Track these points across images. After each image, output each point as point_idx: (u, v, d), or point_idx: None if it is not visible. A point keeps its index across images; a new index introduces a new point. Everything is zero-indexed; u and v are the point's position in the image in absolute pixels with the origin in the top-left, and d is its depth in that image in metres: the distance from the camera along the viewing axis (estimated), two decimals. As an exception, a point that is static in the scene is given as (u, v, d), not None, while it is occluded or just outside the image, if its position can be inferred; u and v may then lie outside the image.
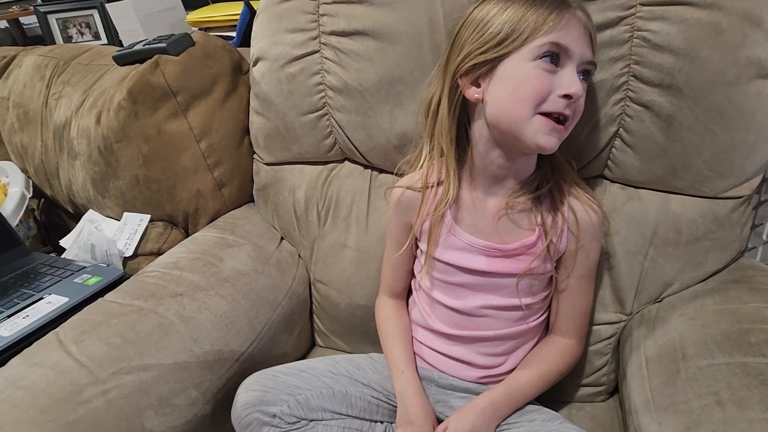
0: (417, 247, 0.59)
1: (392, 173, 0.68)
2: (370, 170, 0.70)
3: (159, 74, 0.66)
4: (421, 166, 0.56)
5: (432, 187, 0.54)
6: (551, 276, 0.53)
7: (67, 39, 1.62)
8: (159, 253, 0.69)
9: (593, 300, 0.59)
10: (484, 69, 0.46)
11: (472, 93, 0.48)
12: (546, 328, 0.58)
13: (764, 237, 0.67)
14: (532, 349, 0.57)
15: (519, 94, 0.45)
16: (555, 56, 0.44)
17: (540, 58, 0.44)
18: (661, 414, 0.45)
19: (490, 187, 0.52)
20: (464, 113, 0.51)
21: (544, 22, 0.43)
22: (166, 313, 0.55)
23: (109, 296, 0.57)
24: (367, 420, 0.56)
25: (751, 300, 0.50)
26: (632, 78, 0.52)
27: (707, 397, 0.42)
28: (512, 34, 0.44)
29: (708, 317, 0.50)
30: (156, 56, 0.67)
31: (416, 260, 0.60)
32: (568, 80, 0.44)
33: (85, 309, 0.55)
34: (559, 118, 0.45)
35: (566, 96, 0.44)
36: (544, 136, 0.45)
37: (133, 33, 1.23)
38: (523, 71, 0.44)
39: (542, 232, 0.51)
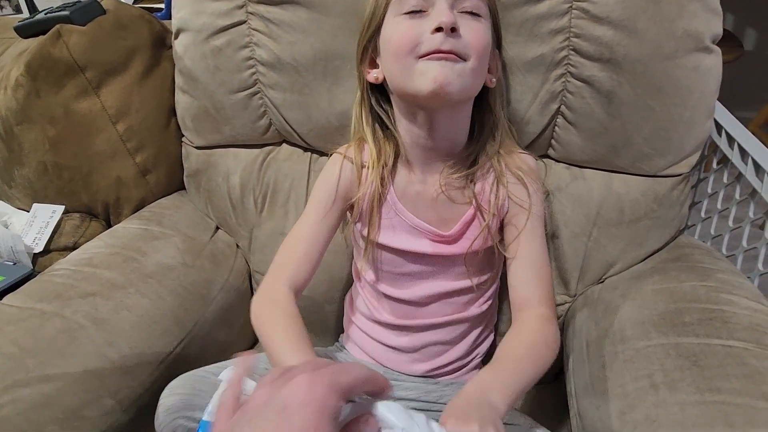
0: (349, 230, 0.54)
1: (333, 156, 0.64)
2: (310, 153, 0.66)
3: (62, 46, 0.58)
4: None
5: (365, 167, 0.50)
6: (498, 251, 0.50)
7: (-16, 12, 1.45)
8: (75, 248, 0.62)
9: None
10: (371, 46, 0.47)
11: (371, 75, 0.48)
12: (493, 319, 0.57)
13: (702, 214, 0.68)
14: (479, 337, 0.55)
15: (395, 50, 0.43)
16: (418, 3, 0.43)
17: (405, 13, 0.43)
18: (600, 398, 0.44)
19: (425, 165, 0.49)
20: (387, 100, 0.50)
21: None
22: (74, 316, 0.49)
23: (7, 299, 0.51)
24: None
25: (687, 279, 0.49)
26: (572, 52, 0.50)
27: (642, 380, 0.41)
28: (378, 4, 0.45)
29: (647, 298, 0.50)
30: (58, 26, 0.59)
31: (356, 249, 0.57)
32: (437, 13, 0.41)
33: (-25, 314, 0.48)
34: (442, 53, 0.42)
35: (438, 29, 0.41)
36: (432, 74, 0.41)
37: (50, 3, 1.11)
38: (392, 28, 0.44)
39: (476, 205, 0.48)
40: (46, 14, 0.62)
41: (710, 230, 0.66)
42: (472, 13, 0.43)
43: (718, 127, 0.62)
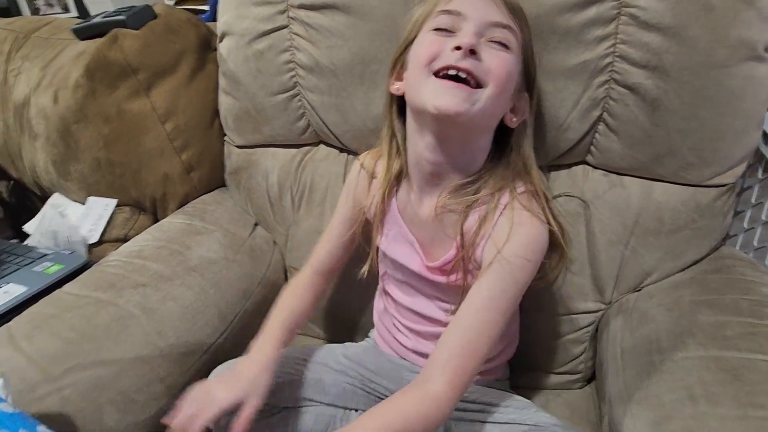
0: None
1: (369, 157, 0.66)
2: (345, 154, 0.67)
3: (117, 50, 0.61)
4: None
5: (375, 178, 0.52)
6: None
7: (35, 11, 1.53)
8: (125, 240, 0.66)
9: (572, 290, 0.57)
10: (401, 60, 0.48)
11: (394, 87, 0.49)
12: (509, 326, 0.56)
13: (745, 224, 0.66)
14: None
15: (415, 60, 0.44)
16: (448, 22, 0.44)
17: (434, 29, 0.44)
18: (634, 406, 0.44)
19: (425, 187, 0.48)
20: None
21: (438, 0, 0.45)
22: (127, 305, 0.53)
23: (66, 287, 0.54)
24: (341, 407, 0.54)
25: (729, 292, 0.48)
26: (618, 59, 0.50)
27: (679, 391, 0.41)
28: (416, 21, 0.47)
29: (685, 309, 0.49)
30: (114, 30, 0.62)
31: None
32: (462, 34, 0.42)
33: (39, 302, 0.52)
34: (458, 76, 0.41)
35: (457, 48, 0.41)
36: (438, 95, 0.41)
37: (101, 5, 1.16)
38: (420, 41, 0.45)
39: (462, 242, 0.46)
40: (103, 18, 0.65)
41: (753, 241, 0.64)
42: (500, 44, 0.43)
43: (765, 135, 0.60)
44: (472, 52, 0.41)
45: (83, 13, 1.47)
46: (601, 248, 0.57)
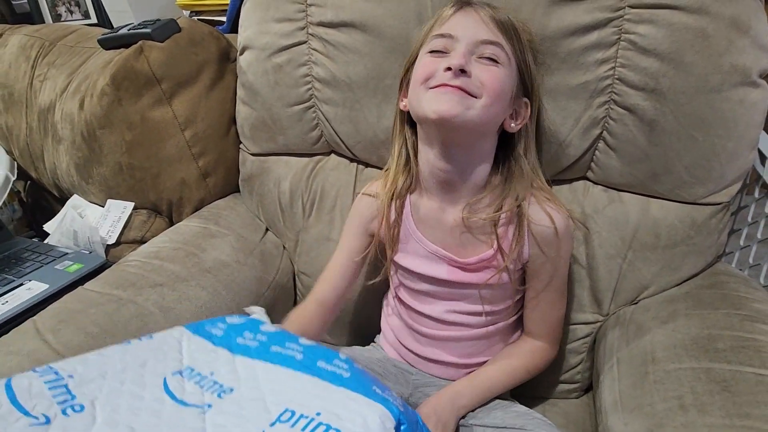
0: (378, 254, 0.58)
1: (378, 167, 0.68)
2: (356, 164, 0.70)
3: (143, 61, 0.65)
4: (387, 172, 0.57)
5: (383, 198, 0.54)
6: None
7: (56, 17, 1.58)
8: (142, 241, 0.69)
9: (571, 302, 0.60)
10: (407, 79, 0.52)
11: (403, 104, 0.53)
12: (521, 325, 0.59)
13: (741, 242, 0.68)
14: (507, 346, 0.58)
15: (414, 79, 0.49)
16: (441, 44, 0.48)
17: (429, 51, 0.48)
18: (628, 415, 0.46)
19: (444, 195, 0.52)
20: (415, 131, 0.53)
21: (435, 22, 0.50)
22: (146, 303, 0.55)
23: (88, 285, 0.57)
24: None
25: (721, 306, 0.50)
26: (617, 81, 0.52)
27: (671, 401, 0.43)
28: (418, 41, 0.51)
29: (679, 322, 0.51)
30: (141, 42, 0.65)
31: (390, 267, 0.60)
32: (453, 55, 0.46)
33: (64, 297, 0.55)
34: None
35: (448, 69, 0.45)
36: (434, 102, 0.45)
37: (122, 14, 1.21)
38: (418, 63, 0.50)
39: (498, 248, 0.50)
40: (128, 30, 0.69)
41: (749, 258, 0.66)
42: (490, 59, 0.47)
43: (762, 156, 0.62)
44: (463, 71, 0.45)
45: (103, 20, 1.52)
46: (600, 261, 0.59)
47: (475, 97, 0.45)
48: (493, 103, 0.46)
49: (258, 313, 0.47)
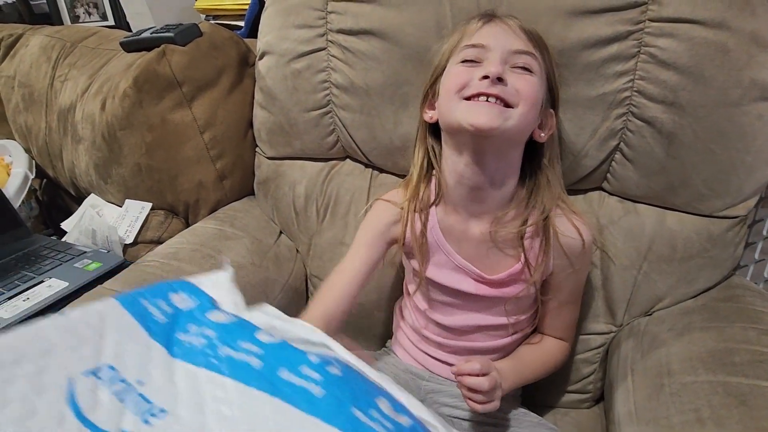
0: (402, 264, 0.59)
1: (393, 173, 0.69)
2: (370, 169, 0.71)
3: (165, 64, 0.66)
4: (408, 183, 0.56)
5: (407, 209, 0.54)
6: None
7: (75, 18, 1.60)
8: (159, 242, 0.70)
9: (585, 312, 0.60)
10: (432, 91, 0.52)
11: (427, 115, 0.53)
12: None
13: (756, 256, 0.68)
14: None
15: (446, 89, 0.49)
16: (473, 54, 0.48)
17: (461, 61, 0.48)
18: (643, 427, 0.46)
19: (470, 208, 0.51)
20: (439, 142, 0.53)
21: (464, 35, 0.50)
22: (164, 303, 0.56)
23: (107, 284, 0.58)
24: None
25: (737, 320, 0.50)
26: (636, 93, 0.53)
27: (688, 414, 0.43)
28: (443, 54, 0.51)
29: (695, 334, 0.51)
30: (163, 45, 0.67)
31: (406, 269, 0.60)
32: (488, 64, 0.46)
33: (83, 296, 0.56)
34: (488, 100, 0.45)
35: (485, 77, 0.45)
36: (473, 113, 0.45)
37: (140, 16, 1.22)
38: (448, 73, 0.50)
39: (526, 262, 0.51)
40: (151, 33, 0.70)
41: (764, 272, 0.66)
42: (523, 68, 0.47)
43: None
44: (500, 80, 0.45)
45: (120, 22, 1.54)
46: (614, 272, 0.59)
47: (512, 107, 0.45)
48: (529, 111, 0.46)
49: (226, 266, 0.37)
